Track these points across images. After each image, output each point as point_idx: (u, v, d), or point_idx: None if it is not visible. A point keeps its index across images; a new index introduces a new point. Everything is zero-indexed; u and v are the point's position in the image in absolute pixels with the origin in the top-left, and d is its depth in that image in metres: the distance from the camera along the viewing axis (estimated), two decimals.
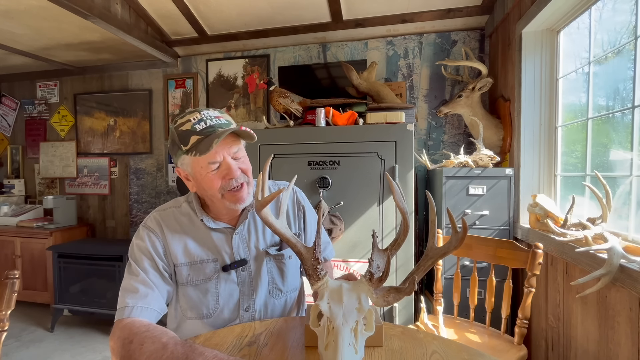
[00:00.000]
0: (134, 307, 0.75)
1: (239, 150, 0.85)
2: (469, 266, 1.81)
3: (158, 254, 0.84)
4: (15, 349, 2.27)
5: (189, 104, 2.97)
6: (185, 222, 0.90)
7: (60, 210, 2.98)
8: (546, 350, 1.56)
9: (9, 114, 3.47)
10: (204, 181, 0.82)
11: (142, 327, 0.69)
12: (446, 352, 0.71)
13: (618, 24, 1.34)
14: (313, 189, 1.85)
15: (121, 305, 0.76)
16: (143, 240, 0.85)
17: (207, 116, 0.81)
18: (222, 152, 0.80)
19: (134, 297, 0.76)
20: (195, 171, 0.82)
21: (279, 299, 0.95)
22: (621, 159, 1.30)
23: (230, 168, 0.81)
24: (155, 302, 0.79)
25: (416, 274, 0.67)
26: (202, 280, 0.87)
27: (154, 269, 0.83)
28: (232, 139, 0.82)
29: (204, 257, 0.87)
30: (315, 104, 2.14)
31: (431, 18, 2.30)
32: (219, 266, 0.88)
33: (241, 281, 0.90)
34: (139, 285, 0.78)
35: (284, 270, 0.95)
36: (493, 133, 2.06)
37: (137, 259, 0.83)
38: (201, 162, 0.80)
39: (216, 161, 0.80)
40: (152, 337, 0.65)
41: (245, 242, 0.91)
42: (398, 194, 0.77)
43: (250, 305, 0.90)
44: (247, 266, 0.90)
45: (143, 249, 0.84)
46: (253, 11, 2.34)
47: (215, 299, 0.87)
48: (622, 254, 1.04)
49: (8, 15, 2.22)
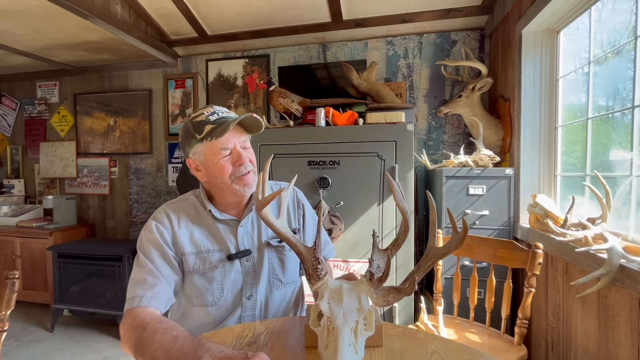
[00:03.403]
0: (143, 296, 0.77)
1: (247, 141, 0.92)
2: (469, 266, 1.81)
3: (167, 243, 0.87)
4: (15, 349, 2.27)
5: (188, 104, 2.97)
6: (193, 213, 0.94)
7: (60, 210, 2.98)
8: (546, 350, 1.56)
9: (9, 114, 3.47)
10: (215, 168, 0.87)
11: (154, 318, 0.72)
12: (446, 352, 0.71)
13: (618, 24, 1.34)
14: (313, 189, 1.85)
15: (130, 295, 0.78)
16: (151, 232, 0.88)
17: (219, 110, 0.90)
18: (233, 140, 0.88)
19: (142, 288, 0.79)
20: (208, 158, 0.88)
21: (279, 289, 0.98)
22: (621, 159, 1.30)
23: (240, 155, 0.88)
24: (163, 292, 0.81)
25: (416, 274, 0.67)
26: (208, 268, 0.90)
27: (162, 259, 0.86)
28: (241, 130, 0.90)
29: (209, 247, 0.91)
30: (315, 104, 2.14)
31: (431, 18, 2.30)
32: (224, 256, 0.91)
33: (245, 271, 0.93)
34: (147, 276, 0.81)
35: (284, 262, 0.99)
36: (493, 133, 2.06)
37: (145, 251, 0.86)
38: (214, 148, 0.86)
39: (228, 148, 0.87)
40: (163, 329, 0.67)
41: (249, 234, 0.96)
42: (398, 194, 0.77)
43: (253, 294, 0.93)
44: (251, 256, 0.94)
45: (151, 240, 0.87)
46: (253, 11, 2.34)
47: (220, 287, 0.90)
48: (622, 254, 1.04)
49: (8, 15, 2.21)
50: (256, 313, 0.94)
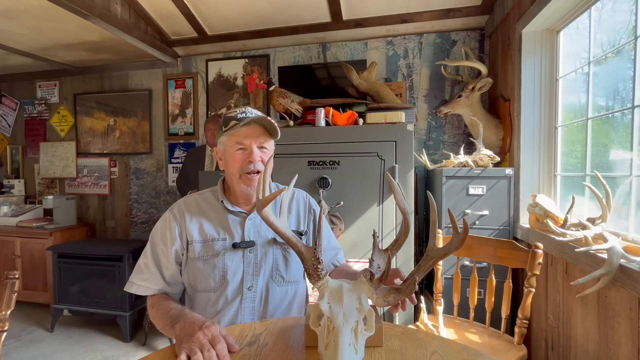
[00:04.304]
0: (136, 285, 0.95)
1: (266, 144, 0.98)
2: (469, 266, 1.81)
3: (172, 236, 0.97)
4: (15, 349, 2.27)
5: (188, 104, 2.97)
6: (205, 206, 1.03)
7: (60, 210, 2.98)
8: (546, 350, 1.56)
9: (9, 114, 3.47)
10: (230, 158, 0.97)
11: (161, 298, 0.95)
12: (446, 352, 0.71)
13: (617, 24, 1.34)
14: (313, 189, 1.85)
15: (130, 279, 0.97)
16: (163, 222, 0.99)
17: (249, 110, 0.98)
18: (250, 139, 0.95)
19: (138, 277, 0.96)
20: (226, 149, 0.98)
21: (281, 286, 1.00)
22: (621, 159, 1.30)
23: (252, 153, 0.95)
24: (154, 283, 0.96)
25: (417, 274, 0.67)
26: (210, 255, 0.96)
27: (162, 253, 0.97)
28: (262, 132, 0.97)
29: (215, 236, 0.98)
30: (315, 104, 2.14)
31: (431, 18, 2.30)
32: (227, 244, 0.97)
33: (247, 261, 0.97)
34: (143, 266, 0.97)
35: (288, 259, 1.01)
36: (493, 133, 2.06)
37: (152, 242, 0.98)
38: (232, 141, 0.96)
39: (243, 144, 0.95)
40: (164, 305, 0.90)
41: (256, 228, 1.00)
42: (399, 194, 0.77)
43: (253, 285, 0.97)
44: (254, 248, 0.98)
45: (160, 233, 0.98)
46: (253, 11, 2.34)
47: (222, 273, 0.95)
48: (622, 254, 1.04)
49: (8, 15, 2.22)
50: (255, 305, 0.96)
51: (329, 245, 1.13)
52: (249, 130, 0.95)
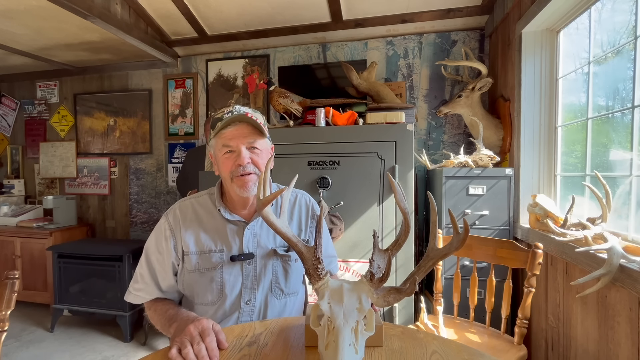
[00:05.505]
0: (133, 294, 0.95)
1: (256, 143, 0.91)
2: (469, 266, 1.81)
3: (168, 248, 0.93)
4: (15, 349, 2.27)
5: (188, 104, 2.97)
6: (202, 212, 0.97)
7: (60, 210, 2.98)
8: (546, 350, 1.56)
9: (9, 114, 3.47)
10: (219, 162, 0.92)
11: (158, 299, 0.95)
12: (446, 352, 0.71)
13: (617, 24, 1.34)
14: (313, 189, 1.85)
15: (128, 287, 0.96)
16: (157, 231, 0.96)
17: (237, 109, 0.92)
18: (236, 140, 0.89)
19: (134, 286, 0.95)
20: (215, 152, 0.93)
21: (279, 299, 0.97)
22: (621, 159, 1.30)
23: (240, 154, 0.88)
24: (149, 293, 0.95)
25: (417, 274, 0.67)
26: (207, 268, 0.92)
27: (159, 262, 0.94)
28: (250, 131, 0.90)
29: (212, 247, 0.93)
30: (315, 104, 2.14)
31: (431, 18, 2.30)
32: (224, 256, 0.92)
33: (245, 274, 0.93)
34: (139, 276, 0.95)
35: (289, 272, 0.97)
36: (493, 133, 2.06)
37: (147, 251, 0.96)
38: (219, 144, 0.91)
39: (230, 145, 0.89)
40: (161, 306, 0.91)
41: (255, 238, 0.95)
42: (399, 194, 0.77)
43: (252, 299, 0.93)
44: (254, 260, 0.94)
45: (155, 243, 0.95)
46: (253, 11, 2.34)
47: (219, 287, 0.92)
48: (622, 254, 1.04)
49: (8, 15, 2.21)
50: (254, 319, 0.93)
51: (325, 252, 1.09)
52: (235, 130, 0.88)
